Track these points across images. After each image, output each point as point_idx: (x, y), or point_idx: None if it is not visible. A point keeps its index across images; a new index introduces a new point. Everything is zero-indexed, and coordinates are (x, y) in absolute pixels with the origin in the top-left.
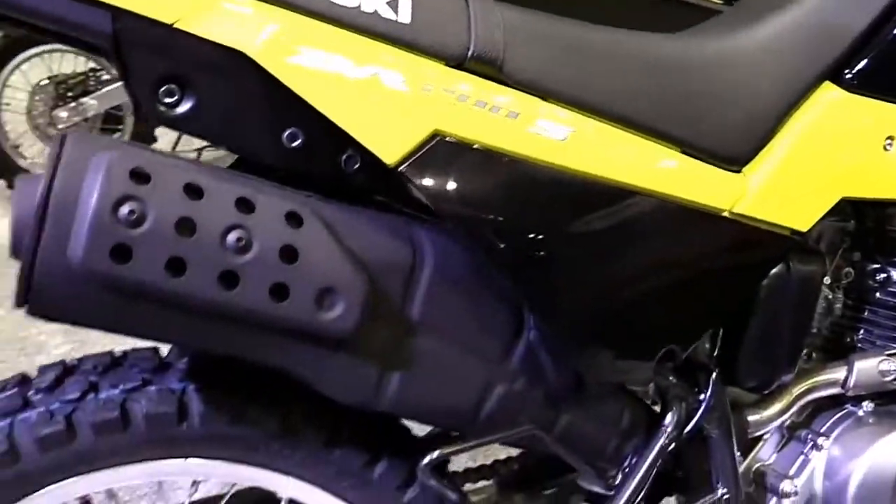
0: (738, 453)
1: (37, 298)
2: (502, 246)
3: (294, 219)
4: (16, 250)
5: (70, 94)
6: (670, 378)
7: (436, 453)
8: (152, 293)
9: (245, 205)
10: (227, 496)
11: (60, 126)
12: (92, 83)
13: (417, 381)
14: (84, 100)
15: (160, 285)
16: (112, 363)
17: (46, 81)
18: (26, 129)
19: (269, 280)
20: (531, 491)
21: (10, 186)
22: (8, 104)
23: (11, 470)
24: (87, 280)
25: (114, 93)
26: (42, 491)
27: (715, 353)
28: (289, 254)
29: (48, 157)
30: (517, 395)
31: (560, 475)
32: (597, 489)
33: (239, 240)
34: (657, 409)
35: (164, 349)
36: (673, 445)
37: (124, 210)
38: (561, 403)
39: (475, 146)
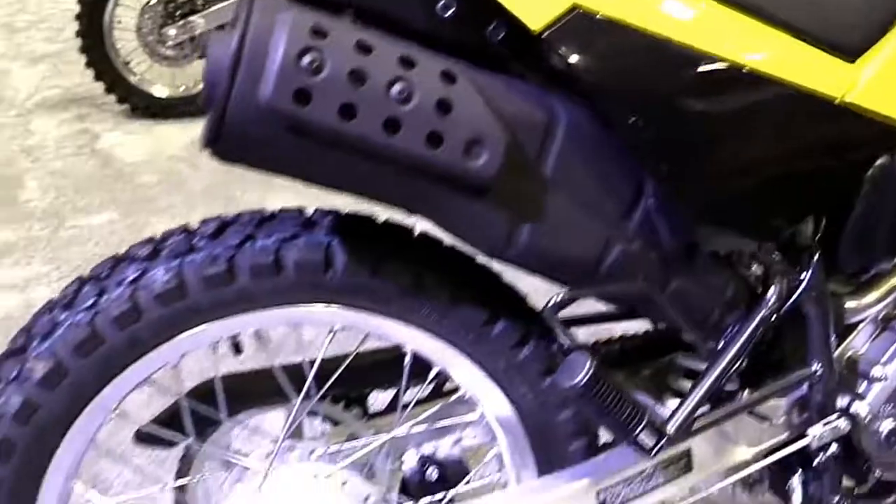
0: (834, 337)
1: (226, 138)
2: (628, 117)
3: (448, 77)
4: (209, 97)
5: (178, 12)
6: (774, 256)
7: (560, 296)
8: (326, 134)
9: (407, 62)
10: (353, 354)
11: (169, 44)
12: (200, 2)
13: (546, 233)
14: (192, 18)
15: (334, 127)
16: (266, 218)
17: (155, 1)
18: (136, 46)
19: (426, 128)
20: (631, 370)
21: (120, 101)
22: (119, 22)
23: (179, 304)
24: (272, 119)
25: (221, 11)
26: (203, 326)
27: (818, 237)
28: (444, 106)
29: (236, 16)
30: (633, 255)
31: (658, 357)
32: (693, 365)
33: (401, 91)
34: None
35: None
36: (773, 319)
37: (306, 60)
38: (672, 268)
39: (608, 20)
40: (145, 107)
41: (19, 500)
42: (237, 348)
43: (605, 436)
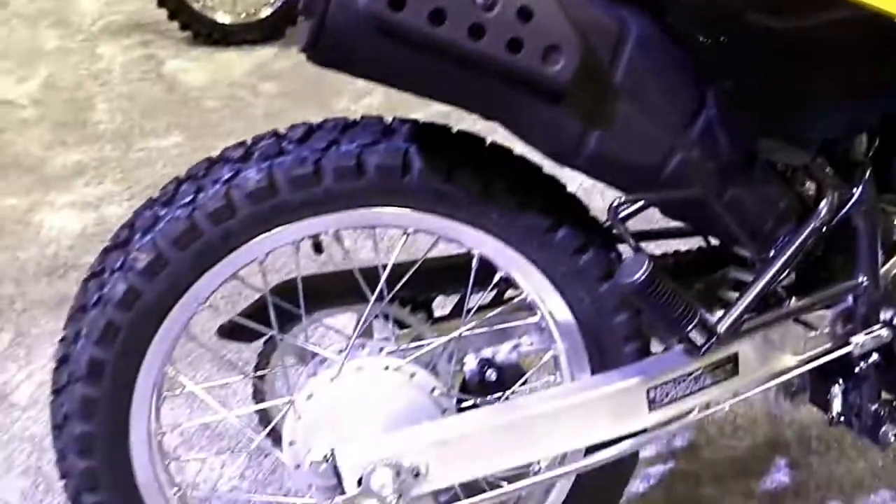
0: (881, 252)
1: (325, 44)
2: (696, 30)
3: None
4: (307, 6)
5: None
6: (827, 170)
7: (624, 197)
8: (417, 39)
9: None
10: (422, 259)
11: None
12: None
13: (613, 139)
14: None
15: (424, 31)
16: (349, 125)
17: None
18: None
19: (508, 34)
20: (684, 283)
21: (183, 28)
22: None
23: (269, 203)
24: (368, 25)
25: None
26: (289, 225)
27: (870, 154)
28: (525, 13)
29: None
30: (693, 163)
31: (710, 272)
32: (744, 279)
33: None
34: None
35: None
36: (823, 230)
37: None
38: (729, 177)
39: None
40: (207, 34)
41: (120, 380)
42: (318, 248)
43: (656, 343)
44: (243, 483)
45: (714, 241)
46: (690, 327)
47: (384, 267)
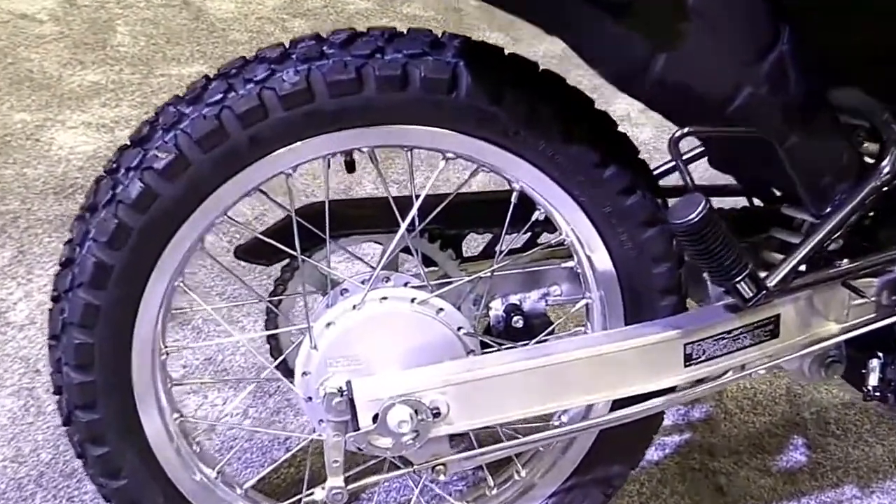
0: None
1: None
2: None
3: None
4: None
5: None
6: (893, 126)
7: (686, 129)
8: None
9: None
10: (458, 189)
11: None
12: None
13: (681, 64)
14: None
15: None
16: (396, 34)
17: None
18: None
19: None
20: None
21: None
22: None
23: (304, 108)
24: None
25: None
26: (322, 136)
27: None
28: None
29: None
30: (761, 99)
31: (756, 232)
32: (788, 239)
33: None
34: None
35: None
36: (883, 189)
37: None
38: (794, 121)
39: None
40: None
41: (127, 289)
42: (350, 167)
43: (693, 299)
44: (245, 422)
45: (757, 202)
46: (741, 277)
47: (416, 197)
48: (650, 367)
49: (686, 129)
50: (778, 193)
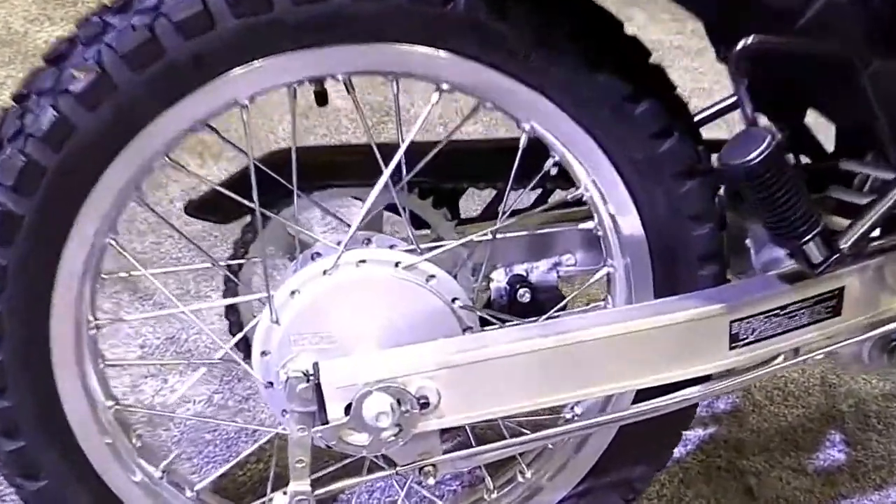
0: None
1: None
2: None
3: None
4: None
5: None
6: None
7: (748, 41)
8: None
9: None
10: (453, 133)
11: None
12: None
13: None
14: None
15: None
16: None
17: None
18: None
19: None
20: None
21: None
22: None
23: (261, 17)
24: None
25: None
26: (284, 55)
27: None
28: None
29: None
30: (842, 10)
31: (813, 191)
32: (849, 198)
33: None
34: None
35: None
36: None
37: None
38: (881, 43)
39: None
40: None
41: (41, 244)
42: (321, 98)
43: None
44: (208, 410)
45: (805, 160)
46: (811, 236)
47: (404, 141)
48: (689, 349)
49: (749, 41)
50: (832, 149)
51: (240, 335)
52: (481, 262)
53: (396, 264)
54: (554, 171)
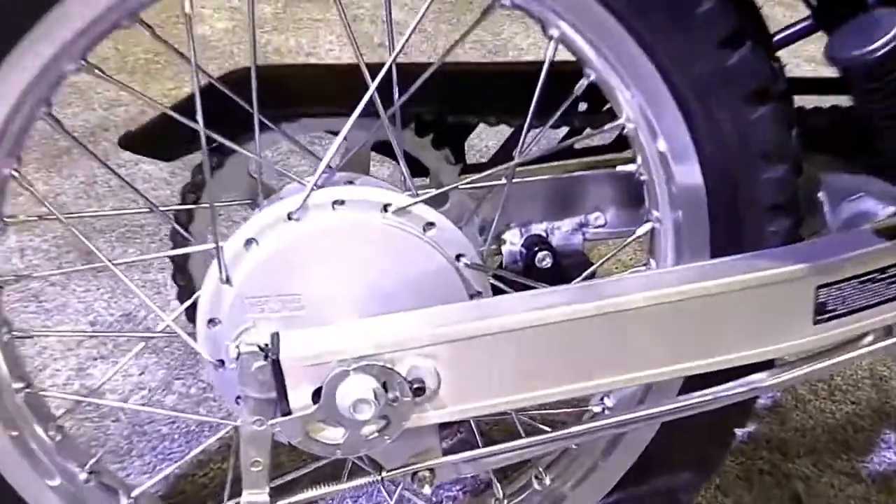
0: None
1: None
2: None
3: None
4: None
5: None
6: None
7: None
8: None
9: None
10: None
11: None
12: None
13: None
14: None
15: None
16: None
17: None
18: None
19: None
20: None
21: None
22: None
23: None
24: None
25: None
26: None
27: None
28: None
29: None
30: None
31: None
32: None
33: None
34: None
35: None
36: None
37: None
38: None
39: None
40: None
41: None
42: None
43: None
44: (168, 399)
45: None
46: None
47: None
48: (763, 321)
49: None
50: None
51: (188, 303)
52: (491, 218)
53: (385, 207)
54: (582, 109)
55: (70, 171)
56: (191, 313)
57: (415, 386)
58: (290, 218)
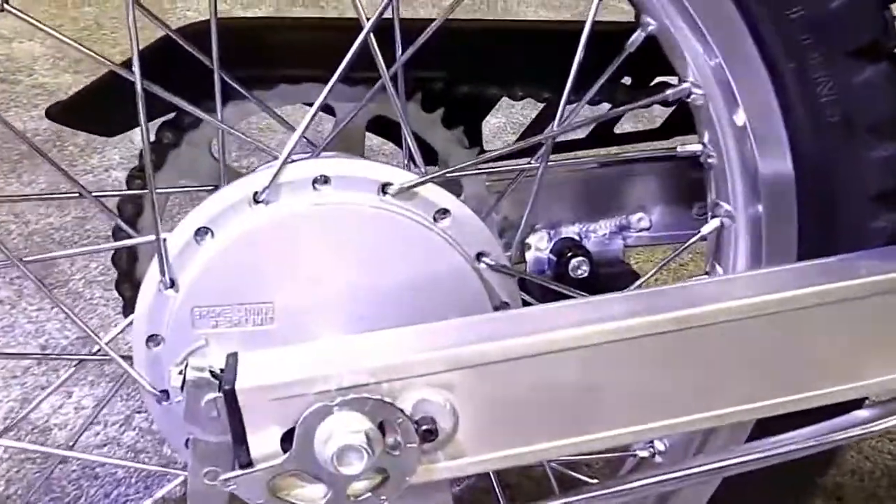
0: None
1: None
2: None
3: None
4: None
5: None
6: None
7: None
8: None
9: None
10: None
11: None
12: None
13: None
14: None
15: None
16: None
17: None
18: None
19: None
20: None
21: None
22: None
23: None
24: None
25: None
26: None
27: None
28: None
29: None
30: None
31: None
32: None
33: None
34: None
35: None
36: None
37: None
38: None
39: None
40: None
41: None
42: None
43: None
44: (126, 433)
45: None
46: None
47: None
48: (878, 341)
49: None
50: None
51: (128, 320)
52: (514, 217)
53: (383, 188)
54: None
55: (31, 178)
56: None
57: (423, 427)
58: (256, 200)
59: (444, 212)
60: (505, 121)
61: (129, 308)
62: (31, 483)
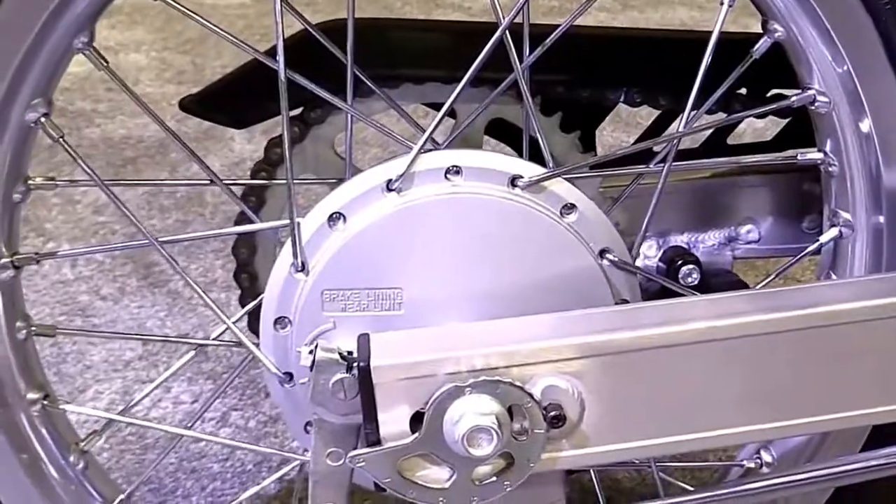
0: None
1: None
2: None
3: None
4: None
5: None
6: None
7: None
8: None
9: None
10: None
11: None
12: None
13: None
14: None
15: None
16: None
17: None
18: None
19: None
20: None
21: None
22: None
23: None
24: None
25: None
26: None
27: None
28: None
29: None
30: None
31: None
32: None
33: None
34: None
35: None
36: None
37: None
38: None
39: None
40: None
41: None
42: None
43: None
44: (223, 430)
45: None
46: None
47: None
48: None
49: None
50: None
51: (251, 305)
52: (627, 225)
53: (513, 181)
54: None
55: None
56: (255, 321)
57: (551, 414)
58: (389, 189)
59: (571, 207)
60: None
61: (246, 298)
62: (130, 471)
